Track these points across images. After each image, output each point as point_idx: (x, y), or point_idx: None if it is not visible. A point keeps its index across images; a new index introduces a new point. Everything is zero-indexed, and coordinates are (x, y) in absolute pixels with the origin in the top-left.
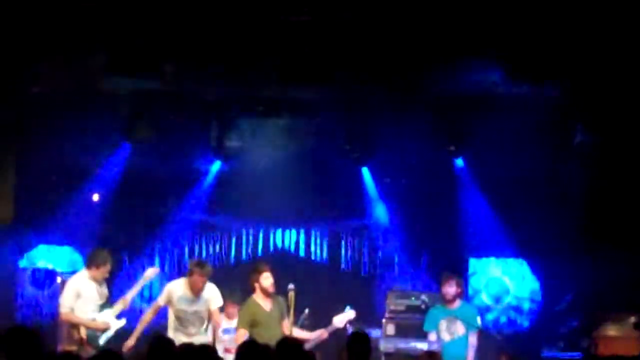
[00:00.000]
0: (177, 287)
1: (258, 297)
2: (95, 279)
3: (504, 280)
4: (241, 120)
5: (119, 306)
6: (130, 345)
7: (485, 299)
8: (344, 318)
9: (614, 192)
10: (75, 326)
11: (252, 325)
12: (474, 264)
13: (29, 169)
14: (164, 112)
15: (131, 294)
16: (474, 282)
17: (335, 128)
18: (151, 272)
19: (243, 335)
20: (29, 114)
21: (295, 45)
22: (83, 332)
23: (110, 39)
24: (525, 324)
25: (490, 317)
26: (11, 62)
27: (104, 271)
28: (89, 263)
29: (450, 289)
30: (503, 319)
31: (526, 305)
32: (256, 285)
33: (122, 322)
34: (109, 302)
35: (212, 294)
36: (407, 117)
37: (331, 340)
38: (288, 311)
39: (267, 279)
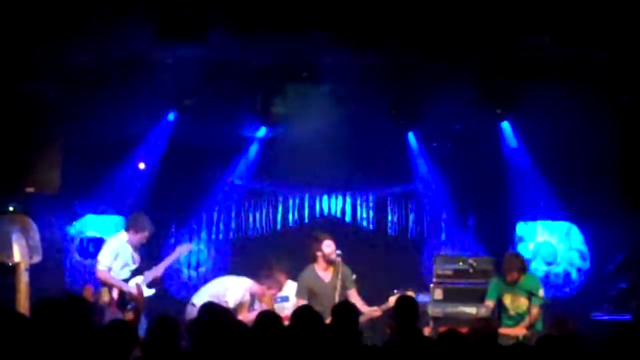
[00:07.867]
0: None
1: (319, 267)
2: (132, 244)
3: (553, 243)
4: (287, 87)
5: (150, 275)
6: None
7: (534, 263)
8: None
9: None
10: (108, 286)
11: (309, 296)
12: (522, 227)
13: (76, 139)
14: (209, 80)
15: (163, 266)
16: (521, 246)
17: (381, 93)
18: (184, 248)
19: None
20: (75, 83)
21: (342, 10)
22: (115, 294)
23: (155, 6)
24: (574, 286)
25: None
26: (57, 32)
27: (142, 237)
28: (128, 226)
29: (512, 276)
30: (551, 282)
31: (575, 268)
32: (318, 254)
33: (152, 291)
34: (142, 269)
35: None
36: (453, 80)
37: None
38: (351, 281)
39: (328, 247)
